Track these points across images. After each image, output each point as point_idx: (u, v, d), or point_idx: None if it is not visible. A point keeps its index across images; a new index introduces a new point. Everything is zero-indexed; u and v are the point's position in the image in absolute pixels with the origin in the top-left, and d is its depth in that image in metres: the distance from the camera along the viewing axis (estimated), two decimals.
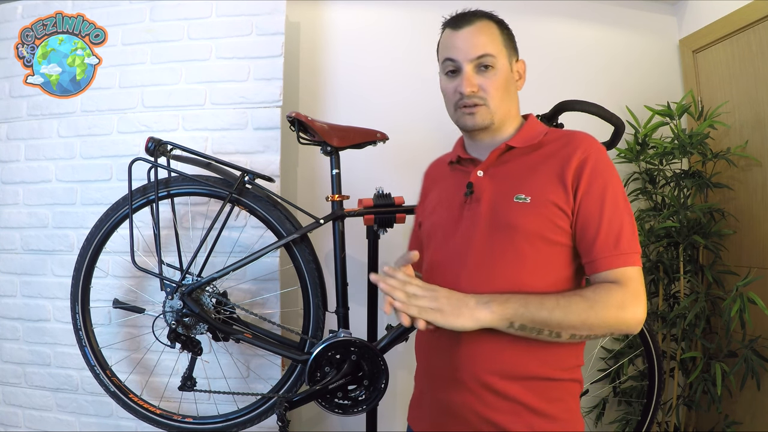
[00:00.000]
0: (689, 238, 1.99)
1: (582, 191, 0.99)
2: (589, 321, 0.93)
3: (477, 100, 1.07)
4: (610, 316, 0.93)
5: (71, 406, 1.87)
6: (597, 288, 0.95)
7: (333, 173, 1.62)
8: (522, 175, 1.05)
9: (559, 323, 0.93)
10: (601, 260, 0.96)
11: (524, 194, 1.01)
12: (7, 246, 1.93)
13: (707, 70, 2.20)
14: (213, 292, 1.58)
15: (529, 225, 0.99)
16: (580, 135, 1.07)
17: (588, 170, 0.99)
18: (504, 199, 1.03)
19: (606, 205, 0.98)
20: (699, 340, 1.98)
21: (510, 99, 1.11)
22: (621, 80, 2.28)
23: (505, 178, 1.07)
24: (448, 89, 1.11)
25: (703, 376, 1.94)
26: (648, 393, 1.70)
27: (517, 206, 1.01)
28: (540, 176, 1.03)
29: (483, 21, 1.09)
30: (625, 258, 0.96)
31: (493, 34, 1.09)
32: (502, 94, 1.08)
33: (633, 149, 2.13)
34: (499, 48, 1.08)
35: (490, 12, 1.12)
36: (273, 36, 1.91)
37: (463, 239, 1.05)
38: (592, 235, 0.97)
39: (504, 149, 1.08)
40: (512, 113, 1.13)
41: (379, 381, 1.49)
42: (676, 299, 2.10)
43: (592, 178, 0.99)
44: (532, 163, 1.06)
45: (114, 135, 1.92)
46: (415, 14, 2.19)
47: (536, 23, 2.24)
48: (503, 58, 1.09)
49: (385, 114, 2.12)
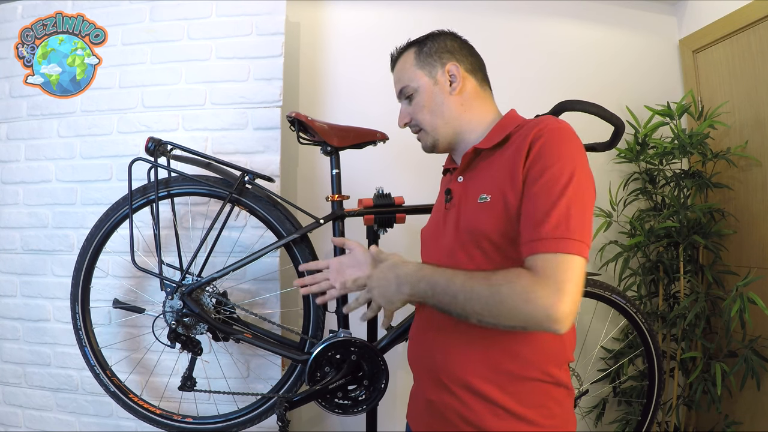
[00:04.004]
0: (689, 238, 2.00)
1: (526, 171, 0.92)
2: (492, 310, 0.86)
3: (413, 128, 1.16)
4: (513, 306, 0.84)
5: (71, 406, 1.87)
6: (507, 273, 0.87)
7: (333, 173, 1.61)
8: (486, 175, 1.02)
9: (464, 308, 0.89)
10: (529, 243, 0.87)
11: (485, 193, 0.98)
12: (7, 246, 1.93)
13: (707, 70, 2.20)
14: (213, 292, 1.58)
15: (489, 224, 0.96)
16: (542, 118, 0.99)
17: (536, 149, 0.92)
18: (469, 202, 1.03)
19: (539, 185, 0.88)
20: (699, 340, 1.98)
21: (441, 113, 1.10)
22: (621, 80, 2.28)
23: (474, 180, 1.06)
24: None
25: (703, 376, 1.95)
26: (648, 393, 1.70)
27: (479, 207, 0.99)
28: (499, 172, 0.98)
29: (402, 56, 1.16)
30: (545, 243, 0.84)
31: (406, 63, 1.14)
32: (428, 114, 1.11)
33: (633, 149, 2.13)
34: (413, 72, 1.12)
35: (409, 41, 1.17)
36: (273, 36, 1.91)
37: (444, 245, 1.07)
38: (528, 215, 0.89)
39: (473, 153, 1.06)
40: (458, 121, 1.10)
41: (379, 381, 1.49)
42: (676, 299, 2.10)
43: (537, 157, 0.91)
44: (496, 161, 1.02)
45: (114, 135, 1.91)
46: (416, 14, 2.19)
47: (536, 23, 2.24)
48: (420, 78, 1.11)
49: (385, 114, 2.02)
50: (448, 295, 0.91)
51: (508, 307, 0.84)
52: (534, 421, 0.95)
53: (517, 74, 2.10)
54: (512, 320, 0.85)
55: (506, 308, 0.85)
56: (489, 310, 0.86)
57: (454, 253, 1.03)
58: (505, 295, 0.84)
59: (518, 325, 0.86)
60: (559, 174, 0.88)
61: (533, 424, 0.95)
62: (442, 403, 1.01)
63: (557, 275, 0.82)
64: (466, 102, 1.11)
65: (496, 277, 0.87)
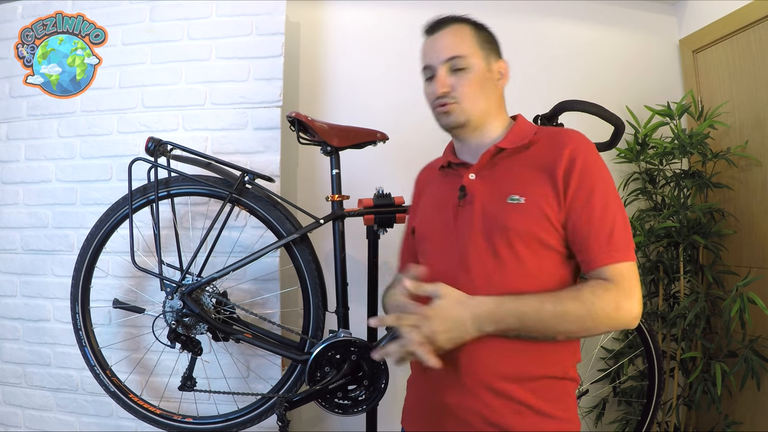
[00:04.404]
0: (689, 238, 1.99)
1: (572, 190, 0.99)
2: (587, 325, 0.94)
3: (449, 100, 1.09)
4: (607, 317, 0.94)
5: (71, 406, 1.87)
6: (594, 288, 0.95)
7: (333, 173, 1.62)
8: (514, 176, 1.05)
9: (555, 330, 0.96)
10: (594, 258, 0.97)
11: (517, 195, 1.01)
12: (7, 246, 1.93)
13: (707, 70, 2.20)
14: (213, 292, 1.58)
15: (524, 225, 1.00)
16: (568, 133, 1.07)
17: (577, 169, 0.99)
18: (497, 201, 1.04)
19: (596, 202, 0.98)
20: (699, 340, 1.98)
21: (486, 98, 1.11)
22: (621, 80, 2.28)
23: (497, 179, 1.07)
24: (428, 94, 1.13)
25: (703, 376, 1.94)
26: (648, 393, 1.70)
27: (511, 207, 1.01)
28: (531, 176, 1.03)
29: (455, 24, 1.13)
30: (617, 254, 0.96)
31: (464, 36, 1.11)
32: (476, 92, 1.09)
33: (633, 149, 2.13)
34: (472, 49, 1.10)
35: (465, 16, 1.15)
36: (273, 36, 1.91)
37: (459, 244, 1.06)
38: (585, 233, 0.98)
39: (495, 151, 1.08)
40: (492, 112, 1.13)
41: (379, 381, 1.49)
42: (676, 299, 2.10)
43: (582, 177, 0.99)
44: (523, 163, 1.06)
45: (114, 135, 1.92)
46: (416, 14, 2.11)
47: (536, 23, 2.24)
48: (477, 58, 1.10)
49: (385, 114, 2.11)
50: (540, 323, 0.95)
51: (603, 320, 0.94)
52: (554, 416, 1.00)
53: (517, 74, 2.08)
54: (605, 329, 0.97)
55: (601, 321, 0.94)
56: (583, 325, 0.95)
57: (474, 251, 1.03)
58: (599, 309, 0.93)
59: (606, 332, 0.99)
60: (607, 192, 1.00)
61: (553, 418, 0.99)
62: (462, 405, 1.01)
63: (631, 282, 0.95)
64: (501, 99, 1.16)
65: (583, 294, 0.95)
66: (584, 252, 0.99)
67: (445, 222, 1.10)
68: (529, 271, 1.00)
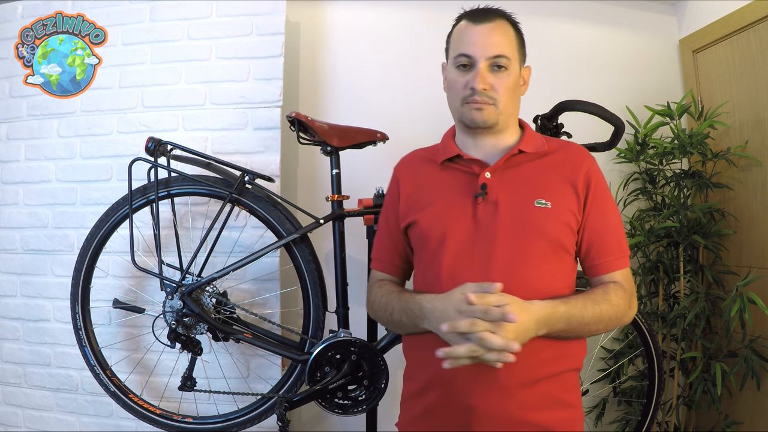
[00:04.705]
0: (689, 238, 1.99)
1: (590, 200, 1.08)
2: (611, 324, 1.06)
3: (486, 99, 1.07)
4: (623, 315, 1.07)
5: (71, 406, 1.87)
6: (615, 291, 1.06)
7: (333, 173, 1.62)
8: (537, 181, 1.09)
9: (590, 330, 1.04)
10: (610, 262, 1.09)
11: (544, 199, 1.06)
12: (7, 246, 1.93)
13: (707, 70, 2.19)
14: (213, 292, 1.58)
15: (553, 231, 1.05)
16: (578, 146, 1.17)
17: (594, 181, 1.09)
18: (525, 203, 1.06)
19: (609, 215, 1.10)
20: (699, 340, 1.98)
21: (514, 103, 1.13)
22: (621, 80, 2.28)
23: (518, 182, 1.09)
24: (458, 83, 1.10)
25: (703, 376, 1.94)
26: (648, 393, 1.70)
27: (540, 211, 1.05)
28: (555, 183, 1.09)
29: (503, 21, 1.11)
30: (627, 260, 1.11)
31: (509, 36, 1.10)
32: (510, 96, 1.10)
33: (633, 149, 2.13)
34: (514, 51, 1.10)
35: (510, 13, 1.14)
36: (273, 36, 1.91)
37: (484, 243, 1.05)
38: (600, 242, 1.09)
39: (515, 154, 1.11)
40: (514, 117, 1.16)
41: (379, 381, 1.50)
42: (676, 299, 2.09)
43: (596, 192, 1.09)
44: (543, 170, 1.11)
45: (114, 135, 1.91)
46: (415, 14, 2.19)
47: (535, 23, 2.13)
48: (516, 61, 1.11)
49: (385, 114, 2.12)
50: (581, 324, 1.02)
51: (621, 318, 1.07)
52: (573, 404, 1.09)
53: None
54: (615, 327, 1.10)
55: (620, 320, 1.07)
56: (609, 325, 1.06)
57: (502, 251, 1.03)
58: (622, 309, 1.06)
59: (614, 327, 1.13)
60: (613, 206, 1.13)
61: (573, 407, 1.08)
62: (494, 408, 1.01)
63: (632, 285, 1.11)
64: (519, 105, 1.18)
65: (610, 296, 1.05)
66: (597, 257, 1.10)
67: (462, 219, 1.08)
68: (551, 273, 1.05)
